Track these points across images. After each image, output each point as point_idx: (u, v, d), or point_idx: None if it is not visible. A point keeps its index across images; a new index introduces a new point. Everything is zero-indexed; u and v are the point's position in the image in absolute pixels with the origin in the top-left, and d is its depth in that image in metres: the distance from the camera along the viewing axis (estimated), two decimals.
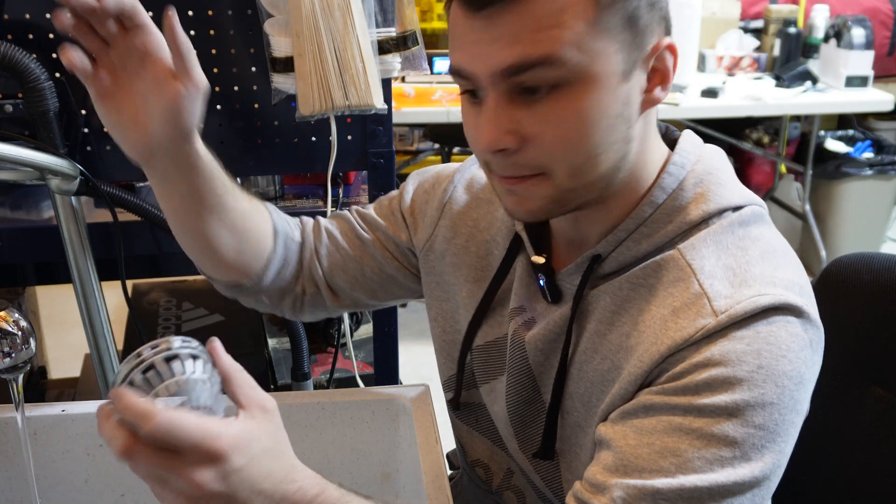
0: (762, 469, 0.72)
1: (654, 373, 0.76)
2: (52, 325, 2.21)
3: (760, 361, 0.72)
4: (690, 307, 0.75)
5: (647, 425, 0.74)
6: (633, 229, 0.81)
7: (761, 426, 0.72)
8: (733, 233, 0.80)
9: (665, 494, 0.71)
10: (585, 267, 0.83)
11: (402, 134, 3.63)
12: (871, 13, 3.37)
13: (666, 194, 0.81)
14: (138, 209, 1.23)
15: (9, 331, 0.85)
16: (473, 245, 0.97)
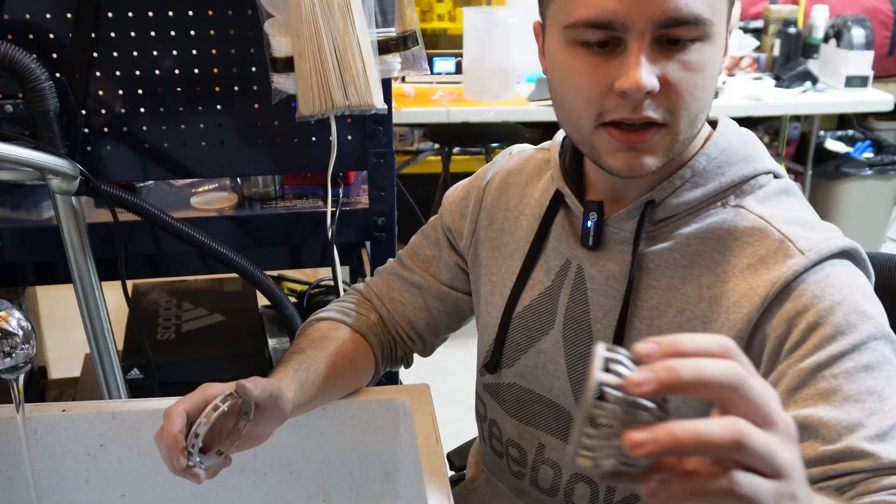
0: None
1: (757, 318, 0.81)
2: (52, 325, 2.21)
3: (863, 290, 0.81)
4: (777, 251, 0.82)
5: (828, 386, 0.77)
6: (689, 178, 0.87)
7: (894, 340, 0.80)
8: (784, 196, 0.88)
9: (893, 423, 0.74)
10: (639, 213, 0.88)
11: (402, 134, 3.63)
12: (871, 13, 3.37)
13: (719, 151, 0.88)
14: (138, 209, 1.23)
15: (9, 331, 0.85)
16: (507, 224, 1.03)
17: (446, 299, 1.10)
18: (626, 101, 0.79)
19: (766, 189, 0.88)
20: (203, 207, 1.43)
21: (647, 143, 0.81)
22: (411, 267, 1.12)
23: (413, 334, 1.11)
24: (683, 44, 0.78)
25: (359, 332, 1.08)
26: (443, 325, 1.12)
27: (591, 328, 0.93)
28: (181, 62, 1.27)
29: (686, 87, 0.79)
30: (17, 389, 0.89)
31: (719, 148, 0.88)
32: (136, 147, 1.31)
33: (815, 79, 3.19)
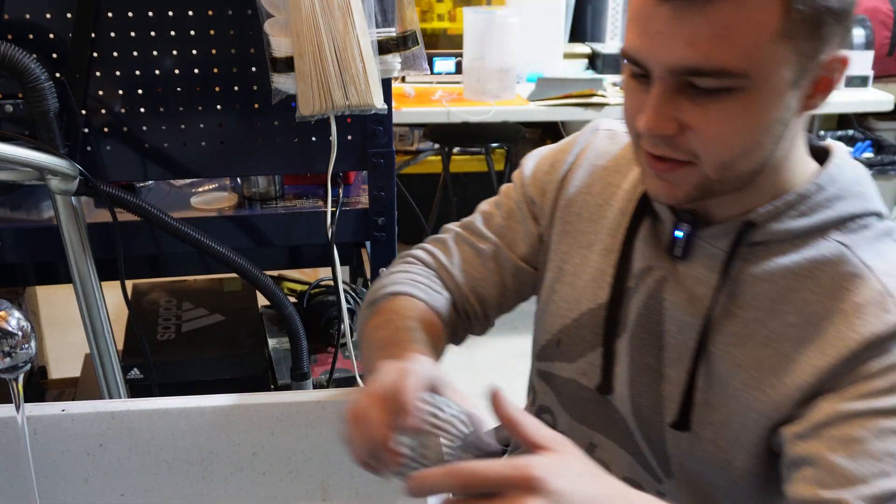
0: None
1: (842, 369, 0.76)
2: (52, 325, 2.21)
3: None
4: (875, 304, 0.77)
5: (853, 434, 0.74)
6: (794, 203, 0.82)
7: None
8: (887, 241, 0.82)
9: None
10: (736, 232, 0.83)
11: (402, 134, 3.62)
12: (871, 13, 3.37)
13: (831, 181, 0.82)
14: (138, 209, 1.23)
15: (9, 331, 0.85)
16: (587, 211, 0.98)
17: (519, 275, 1.03)
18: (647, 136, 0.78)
19: (871, 230, 0.82)
20: (203, 207, 1.43)
21: (673, 176, 0.80)
22: (487, 236, 1.03)
23: (481, 312, 1.03)
24: (712, 92, 0.74)
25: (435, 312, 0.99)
26: (508, 303, 1.05)
27: (661, 341, 0.89)
28: (181, 62, 1.27)
29: (710, 136, 0.76)
30: (16, 389, 0.89)
31: (832, 179, 0.82)
32: (136, 147, 1.31)
33: None
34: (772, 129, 0.77)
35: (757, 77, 0.72)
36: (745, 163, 0.78)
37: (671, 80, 0.75)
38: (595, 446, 0.97)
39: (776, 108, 0.75)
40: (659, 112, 0.76)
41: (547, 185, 1.01)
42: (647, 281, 0.90)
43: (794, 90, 0.75)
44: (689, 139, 0.77)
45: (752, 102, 0.74)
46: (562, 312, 0.98)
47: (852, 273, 0.79)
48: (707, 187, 0.80)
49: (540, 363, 1.02)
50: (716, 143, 0.76)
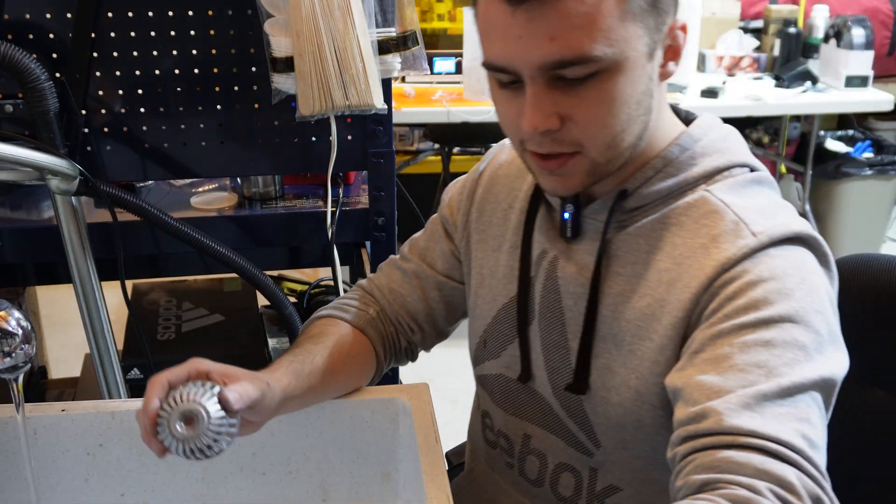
0: (829, 368, 0.77)
1: (704, 297, 0.81)
2: (52, 325, 2.21)
3: (802, 275, 0.80)
4: (730, 232, 0.82)
5: (720, 353, 0.77)
6: (661, 168, 0.88)
7: (818, 331, 0.78)
8: (754, 186, 0.88)
9: (767, 394, 0.74)
10: (612, 202, 0.89)
11: (402, 134, 3.63)
12: (871, 13, 3.37)
13: (695, 142, 0.89)
14: (138, 209, 1.23)
15: (9, 331, 0.85)
16: (495, 217, 1.04)
17: (443, 289, 1.10)
18: (532, 136, 0.82)
19: (736, 178, 0.88)
20: (203, 207, 1.43)
21: (565, 169, 0.84)
22: (409, 258, 1.12)
23: (413, 324, 1.11)
24: (582, 80, 0.78)
25: (357, 328, 1.08)
26: (440, 316, 1.12)
27: (563, 317, 0.94)
28: (181, 62, 1.27)
29: (589, 121, 0.81)
30: (16, 389, 0.89)
31: (693, 139, 0.89)
32: (136, 147, 1.31)
33: (815, 79, 3.19)
34: (642, 102, 0.83)
35: (617, 57, 0.78)
36: (625, 139, 0.83)
37: (542, 78, 0.79)
38: (530, 437, 1.01)
39: (640, 82, 0.81)
40: (539, 110, 0.80)
41: (459, 204, 1.09)
42: (543, 264, 0.96)
43: (651, 62, 0.82)
44: (570, 130, 0.81)
45: (619, 81, 0.79)
46: (484, 314, 1.03)
47: (711, 210, 0.85)
48: (598, 171, 0.85)
49: (475, 368, 1.08)
50: (595, 127, 0.81)
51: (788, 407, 0.74)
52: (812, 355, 0.77)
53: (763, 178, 0.89)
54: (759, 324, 0.77)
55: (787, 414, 0.74)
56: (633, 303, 0.87)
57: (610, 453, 0.93)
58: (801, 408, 0.74)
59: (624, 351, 0.88)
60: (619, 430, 0.90)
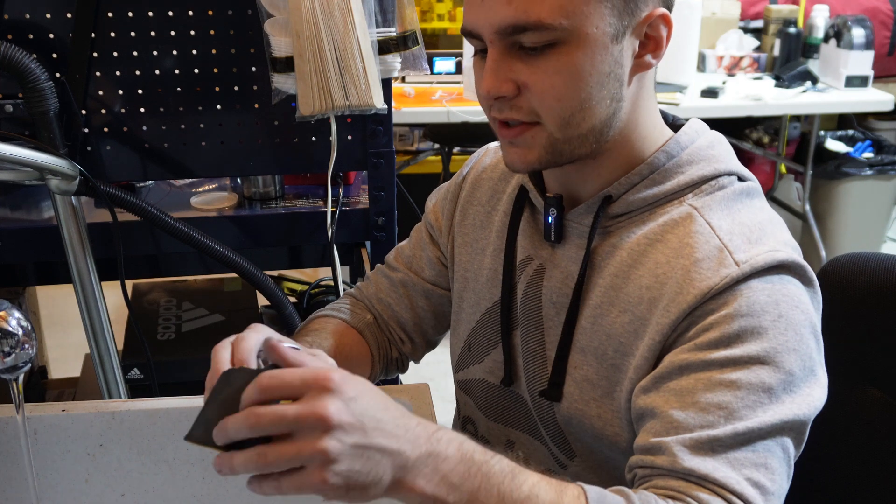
0: (797, 410, 0.77)
1: (682, 324, 0.80)
2: (52, 325, 2.21)
3: (780, 311, 0.79)
4: (713, 259, 0.81)
5: (685, 386, 0.78)
6: (647, 174, 0.87)
7: (790, 371, 0.77)
8: (743, 200, 0.87)
9: (722, 441, 0.75)
10: (597, 207, 0.88)
11: (402, 134, 3.63)
12: (871, 13, 3.37)
13: (682, 149, 0.87)
14: (138, 209, 1.23)
15: (9, 331, 0.85)
16: (479, 220, 1.04)
17: (431, 297, 1.10)
18: (494, 102, 0.84)
19: (725, 191, 0.86)
20: (203, 207, 1.43)
21: (522, 139, 0.85)
22: (395, 267, 1.12)
23: (402, 334, 1.11)
24: (540, 49, 0.79)
25: (355, 328, 1.08)
26: (429, 325, 1.11)
27: (542, 325, 0.93)
28: (181, 62, 1.27)
29: (544, 91, 0.81)
30: (17, 389, 0.89)
31: (681, 146, 0.87)
32: (136, 147, 1.31)
33: (815, 79, 3.19)
34: (605, 84, 0.82)
35: (574, 30, 0.78)
36: (584, 119, 0.82)
37: (501, 43, 0.81)
38: (513, 442, 1.00)
39: (601, 62, 0.80)
40: (496, 74, 0.81)
41: (443, 209, 1.09)
42: (527, 271, 0.95)
43: (617, 45, 0.81)
44: (527, 98, 0.82)
45: (576, 55, 0.79)
46: (468, 318, 1.03)
47: (696, 232, 0.84)
48: (557, 147, 0.84)
49: (457, 374, 1.07)
50: (550, 98, 0.81)
51: (745, 452, 0.75)
52: (779, 397, 0.77)
53: (751, 189, 0.88)
54: (727, 363, 0.77)
55: (743, 460, 0.75)
56: (613, 317, 0.86)
57: (586, 467, 0.92)
58: (758, 453, 0.75)
59: (606, 365, 0.87)
60: (595, 441, 0.90)
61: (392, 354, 1.12)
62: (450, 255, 1.07)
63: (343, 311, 1.10)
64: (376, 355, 1.09)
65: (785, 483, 0.77)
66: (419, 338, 1.12)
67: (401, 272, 1.11)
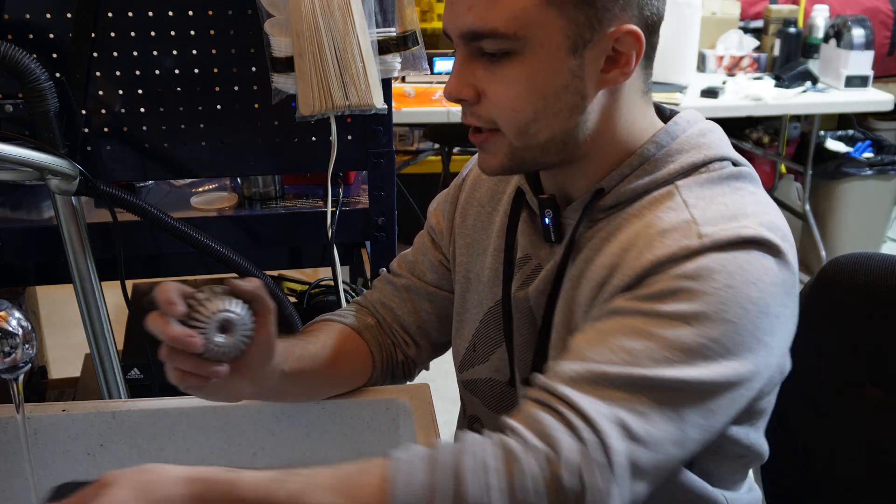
0: (709, 377, 0.75)
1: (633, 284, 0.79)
2: (52, 325, 2.21)
3: (730, 282, 0.76)
4: (678, 230, 0.80)
5: (608, 327, 0.78)
6: (638, 165, 0.86)
7: (715, 339, 0.75)
8: (730, 182, 0.85)
9: (609, 377, 0.74)
10: (588, 200, 0.88)
11: (402, 134, 3.63)
12: (871, 13, 3.37)
13: (671, 139, 0.87)
14: (138, 209, 1.23)
15: (9, 331, 0.85)
16: (479, 220, 1.04)
17: (434, 300, 1.10)
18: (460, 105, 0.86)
19: (712, 174, 0.85)
20: (203, 207, 1.43)
21: (486, 145, 0.86)
22: (399, 273, 1.12)
23: (406, 337, 1.11)
24: (499, 57, 0.80)
25: (355, 331, 1.08)
26: (432, 328, 1.11)
27: (534, 318, 0.94)
28: (181, 62, 1.27)
29: (499, 99, 0.82)
30: (17, 389, 0.89)
31: (671, 136, 0.87)
32: (136, 147, 1.31)
33: (815, 79, 3.19)
34: (562, 97, 0.82)
35: (528, 40, 0.79)
36: (541, 129, 0.83)
37: (465, 48, 0.82)
38: None
39: (558, 75, 0.81)
40: (459, 77, 0.83)
41: (443, 212, 1.09)
42: (524, 269, 0.96)
43: (576, 59, 0.80)
44: (486, 106, 0.83)
45: (531, 67, 0.80)
46: (473, 318, 1.03)
47: (670, 207, 0.83)
48: (518, 156, 0.85)
49: (462, 374, 1.07)
50: (505, 107, 0.82)
51: (626, 395, 0.74)
52: (694, 361, 0.75)
53: (743, 172, 0.87)
54: (653, 314, 0.76)
55: (621, 400, 0.73)
56: (582, 287, 0.87)
57: None
58: (642, 401, 0.74)
59: None
60: None
61: (397, 357, 1.11)
62: (452, 256, 1.07)
63: (345, 316, 1.10)
64: (377, 356, 1.08)
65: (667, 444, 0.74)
66: (423, 341, 1.11)
67: (404, 278, 1.11)
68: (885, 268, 0.98)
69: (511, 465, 0.71)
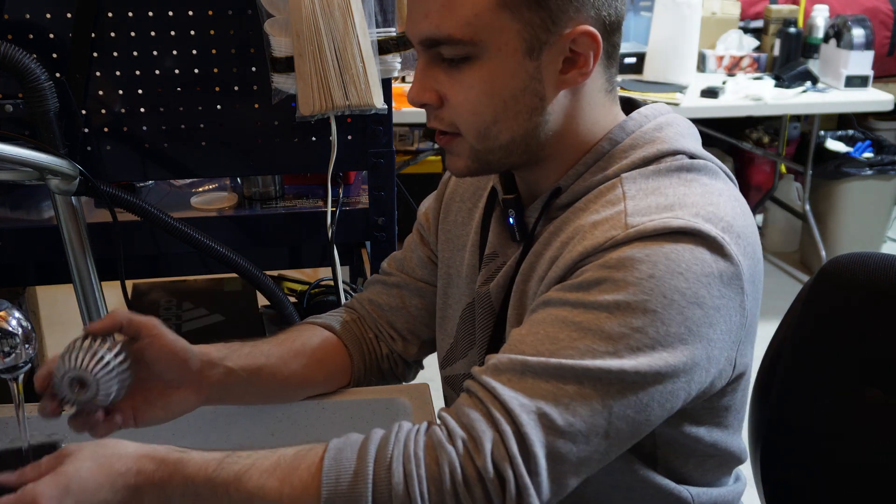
0: (635, 367, 0.75)
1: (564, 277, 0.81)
2: (52, 325, 2.21)
3: (654, 272, 0.76)
4: (609, 221, 0.80)
5: (537, 318, 0.80)
6: (592, 163, 0.87)
7: (639, 329, 0.75)
8: (680, 174, 0.84)
9: (532, 367, 0.76)
10: (546, 200, 0.89)
11: (402, 134, 3.62)
12: (871, 13, 3.37)
13: (626, 134, 0.87)
14: (138, 209, 1.23)
15: (9, 331, 0.85)
16: (460, 216, 1.05)
17: (424, 295, 1.10)
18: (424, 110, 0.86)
19: (659, 165, 0.84)
20: (203, 207, 1.43)
21: (451, 148, 0.87)
22: (389, 272, 1.13)
23: (393, 332, 1.11)
24: (458, 62, 0.81)
25: (329, 329, 1.08)
26: (422, 323, 1.11)
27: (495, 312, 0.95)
28: (181, 62, 1.27)
29: (460, 104, 0.83)
30: (17, 389, 0.89)
31: (626, 132, 0.86)
32: (136, 147, 1.31)
33: (815, 79, 3.19)
34: (521, 100, 0.82)
35: (484, 45, 0.79)
36: (501, 132, 0.84)
37: (425, 53, 0.83)
38: None
39: (515, 78, 0.81)
40: (420, 83, 0.84)
41: (431, 208, 1.10)
42: (490, 266, 0.96)
43: (533, 61, 0.81)
44: (448, 110, 0.84)
45: (489, 71, 0.81)
46: (454, 314, 1.03)
47: (609, 199, 0.83)
48: (481, 158, 0.86)
49: (446, 369, 1.07)
50: (465, 111, 0.83)
51: (550, 386, 0.74)
52: (618, 350, 0.75)
53: (697, 165, 0.85)
54: (578, 304, 0.77)
55: (544, 391, 0.74)
56: (532, 282, 0.88)
57: None
58: (564, 390, 0.74)
59: None
60: None
61: (381, 350, 1.11)
62: (437, 251, 1.08)
63: (320, 317, 1.11)
64: (355, 352, 1.08)
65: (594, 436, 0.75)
66: (411, 336, 1.11)
67: (395, 276, 1.12)
68: (885, 268, 0.98)
69: (434, 454, 0.74)
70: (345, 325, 1.09)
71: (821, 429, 1.05)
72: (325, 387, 1.07)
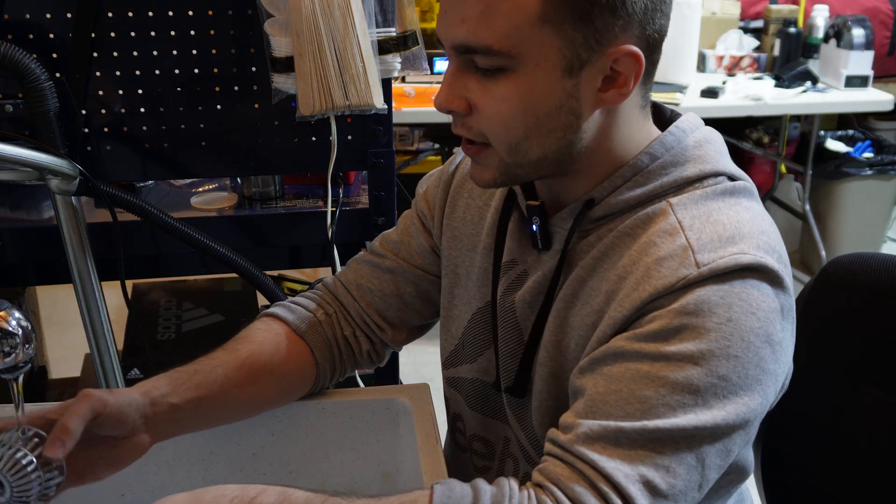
0: (724, 418, 0.75)
1: (632, 319, 0.78)
2: (52, 325, 2.21)
3: (730, 315, 0.75)
4: (675, 258, 0.78)
5: (615, 372, 0.77)
6: (630, 177, 0.84)
7: (724, 377, 0.75)
8: (725, 199, 0.83)
9: (628, 434, 0.74)
10: (578, 210, 0.86)
11: (402, 134, 3.62)
12: (871, 13, 3.37)
13: (666, 150, 0.84)
14: (138, 209, 1.23)
15: (9, 331, 0.85)
16: (469, 214, 1.01)
17: (420, 283, 1.06)
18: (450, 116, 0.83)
19: (706, 189, 0.83)
20: (203, 207, 1.43)
21: (478, 158, 0.84)
22: (382, 254, 1.07)
23: (382, 321, 1.06)
24: (492, 72, 0.78)
25: (297, 332, 1.03)
26: (414, 311, 1.07)
27: (520, 327, 0.92)
28: (181, 62, 1.27)
29: (491, 116, 0.80)
30: (17, 389, 0.89)
31: (666, 147, 0.84)
32: (136, 147, 1.31)
33: (815, 79, 3.19)
34: (556, 117, 0.79)
35: (522, 58, 0.76)
36: (532, 147, 0.81)
37: (457, 59, 0.80)
38: (509, 440, 1.00)
39: (552, 95, 0.78)
40: (450, 88, 0.81)
41: (434, 199, 1.05)
42: (509, 274, 0.94)
43: (572, 79, 0.78)
44: (477, 119, 0.81)
45: (524, 85, 0.77)
46: (462, 315, 1.01)
47: (665, 230, 0.80)
48: (510, 171, 0.83)
49: (448, 370, 1.05)
50: (496, 124, 0.80)
51: (647, 451, 0.74)
52: (707, 401, 0.74)
53: (739, 187, 0.84)
54: (660, 357, 0.75)
55: (642, 457, 0.74)
56: (576, 309, 0.85)
57: None
58: (663, 455, 0.74)
59: (570, 358, 0.86)
60: None
61: (361, 347, 1.06)
62: (440, 245, 1.05)
63: (293, 310, 1.05)
64: (322, 359, 1.04)
65: (691, 491, 0.75)
66: (401, 324, 1.07)
67: (389, 259, 1.06)
68: (885, 268, 0.98)
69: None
70: (313, 326, 1.04)
71: (821, 429, 1.05)
72: (281, 402, 1.03)
